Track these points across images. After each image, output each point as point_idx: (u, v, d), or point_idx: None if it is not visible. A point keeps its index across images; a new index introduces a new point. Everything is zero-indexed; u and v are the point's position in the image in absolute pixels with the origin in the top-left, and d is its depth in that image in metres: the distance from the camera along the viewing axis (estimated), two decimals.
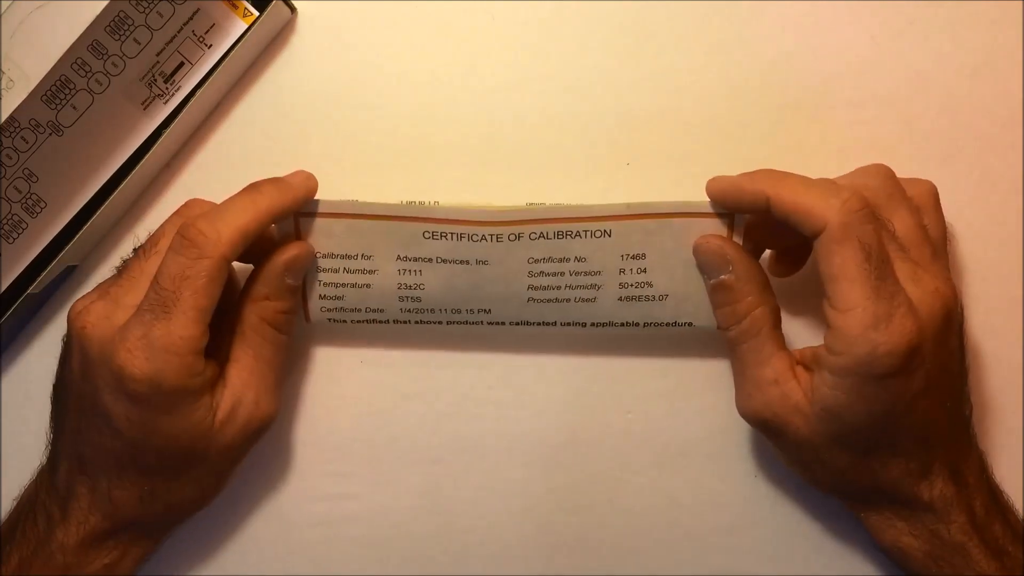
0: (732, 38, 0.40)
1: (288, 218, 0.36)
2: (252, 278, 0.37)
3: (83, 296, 0.36)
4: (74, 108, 0.38)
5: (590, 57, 0.41)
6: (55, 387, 0.37)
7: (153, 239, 0.36)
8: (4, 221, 0.38)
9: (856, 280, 0.32)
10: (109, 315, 0.34)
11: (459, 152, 0.41)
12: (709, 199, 0.35)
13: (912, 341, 0.31)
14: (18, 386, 0.42)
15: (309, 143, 0.41)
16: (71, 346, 0.35)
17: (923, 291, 0.32)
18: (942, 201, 0.38)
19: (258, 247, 0.36)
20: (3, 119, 0.37)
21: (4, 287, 0.38)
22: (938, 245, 0.36)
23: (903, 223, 0.35)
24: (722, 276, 0.35)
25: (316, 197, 0.37)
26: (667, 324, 0.38)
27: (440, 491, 0.41)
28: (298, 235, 0.37)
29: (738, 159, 0.40)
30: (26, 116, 0.38)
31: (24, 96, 0.37)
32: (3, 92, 0.37)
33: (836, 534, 0.40)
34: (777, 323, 0.35)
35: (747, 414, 0.36)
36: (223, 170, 0.41)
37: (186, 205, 0.37)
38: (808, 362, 0.34)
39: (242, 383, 0.36)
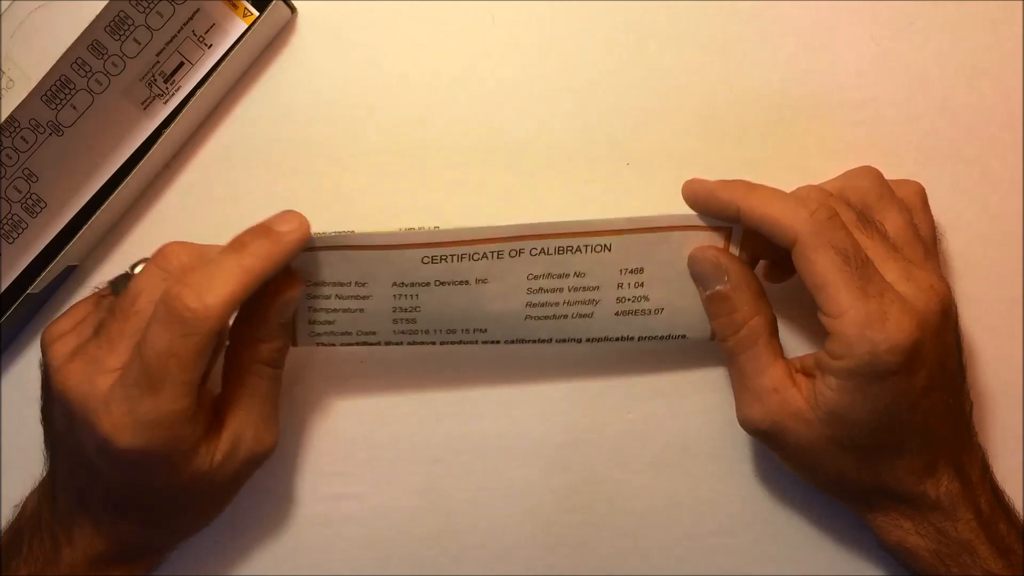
0: (732, 38, 0.40)
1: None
2: (243, 320, 0.35)
3: (57, 339, 0.34)
4: (74, 108, 0.38)
5: (590, 57, 0.41)
6: (43, 412, 0.36)
7: (130, 296, 0.33)
8: (4, 221, 0.38)
9: (840, 284, 0.32)
10: (91, 378, 0.32)
11: (459, 152, 0.41)
12: (683, 198, 0.35)
13: (913, 337, 0.31)
14: (18, 386, 0.42)
15: (309, 143, 0.41)
16: (52, 394, 0.34)
17: (918, 288, 0.32)
18: (942, 200, 0.38)
19: None
20: (3, 119, 0.37)
21: (4, 287, 0.38)
22: (928, 244, 0.36)
23: (894, 223, 0.35)
24: (718, 287, 0.35)
25: (314, 229, 0.34)
26: (662, 337, 0.38)
27: (440, 491, 0.41)
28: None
29: (738, 159, 0.40)
30: (26, 116, 0.38)
31: (24, 96, 0.37)
32: (3, 92, 0.37)
33: (836, 534, 0.40)
34: (774, 332, 0.36)
35: (748, 424, 0.36)
36: (223, 170, 0.41)
37: (163, 255, 0.34)
38: (809, 369, 0.34)
39: (240, 423, 0.35)
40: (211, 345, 0.32)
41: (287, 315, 0.35)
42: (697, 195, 0.35)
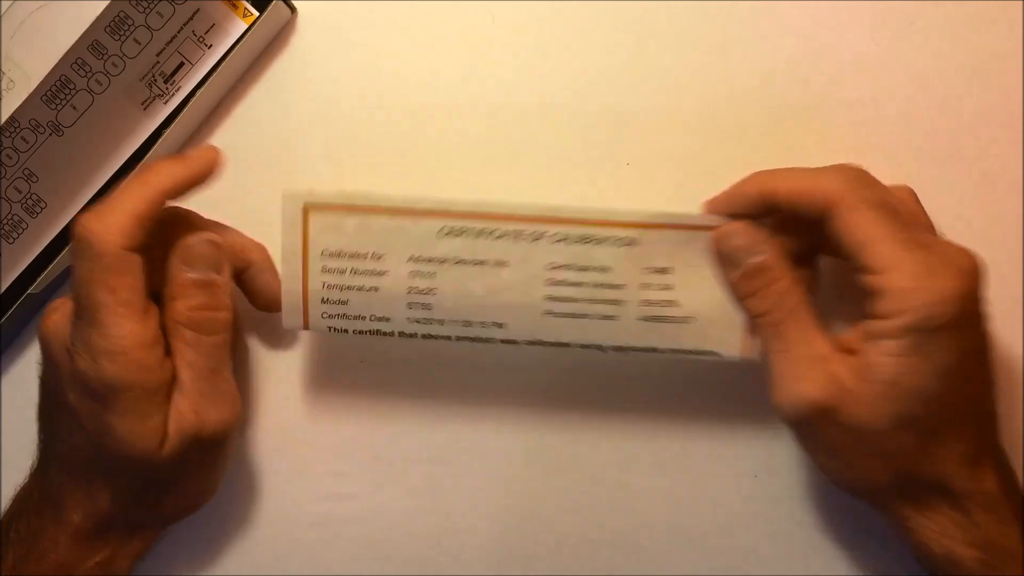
0: (732, 38, 0.40)
1: (294, 209, 0.35)
2: (162, 281, 0.35)
3: (53, 307, 0.36)
4: (74, 108, 0.38)
5: (590, 57, 0.41)
6: (39, 389, 0.37)
7: None
8: (4, 221, 0.38)
9: (886, 237, 0.31)
10: (62, 325, 0.34)
11: (459, 152, 0.41)
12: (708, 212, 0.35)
13: (961, 289, 0.30)
14: (18, 386, 0.42)
15: (309, 143, 0.41)
16: (41, 345, 0.35)
17: (953, 247, 0.32)
18: (942, 200, 0.38)
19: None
20: (3, 119, 0.37)
21: (4, 287, 0.38)
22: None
23: (905, 205, 0.35)
24: (759, 257, 0.34)
25: (331, 188, 0.35)
26: (690, 352, 0.36)
27: (440, 491, 0.41)
28: (306, 230, 0.36)
29: (738, 159, 0.40)
30: (26, 116, 0.38)
31: (24, 96, 0.37)
32: (3, 92, 0.37)
33: (836, 534, 0.40)
34: (812, 303, 0.34)
35: (797, 400, 0.32)
36: (223, 170, 0.41)
37: None
38: (852, 345, 0.32)
39: (179, 396, 0.34)
40: (125, 264, 0.32)
41: (196, 269, 0.34)
42: (724, 198, 0.35)
